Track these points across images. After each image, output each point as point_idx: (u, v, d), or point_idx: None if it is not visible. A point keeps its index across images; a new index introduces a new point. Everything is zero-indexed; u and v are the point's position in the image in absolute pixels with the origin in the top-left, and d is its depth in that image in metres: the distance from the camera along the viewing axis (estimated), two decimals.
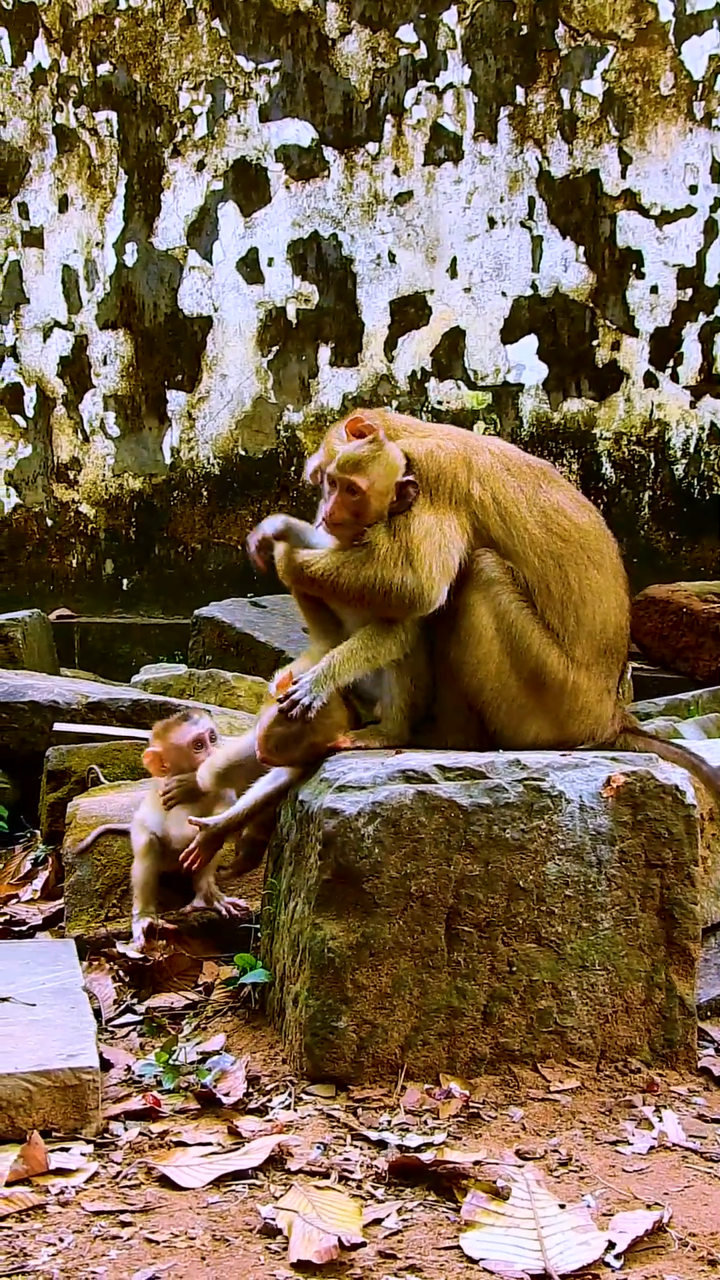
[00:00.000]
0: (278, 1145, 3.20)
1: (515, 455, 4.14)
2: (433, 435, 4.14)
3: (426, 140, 9.32)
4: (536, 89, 9.11)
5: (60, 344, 10.45)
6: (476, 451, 4.07)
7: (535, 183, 9.10)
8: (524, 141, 9.12)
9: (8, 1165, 3.17)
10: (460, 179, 9.24)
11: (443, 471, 3.99)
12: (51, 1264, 2.80)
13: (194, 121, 9.96)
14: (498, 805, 3.51)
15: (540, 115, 9.08)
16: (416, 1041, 3.49)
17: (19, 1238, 2.91)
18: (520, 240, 9.11)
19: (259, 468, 9.83)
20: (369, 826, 3.47)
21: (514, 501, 4.00)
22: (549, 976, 3.52)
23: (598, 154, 9.01)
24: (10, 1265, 2.79)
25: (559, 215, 9.05)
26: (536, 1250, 2.80)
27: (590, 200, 9.03)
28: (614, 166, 8.97)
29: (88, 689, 6.37)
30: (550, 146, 9.07)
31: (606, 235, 8.99)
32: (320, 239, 9.62)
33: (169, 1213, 3.00)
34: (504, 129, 9.16)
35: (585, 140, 9.03)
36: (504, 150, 9.14)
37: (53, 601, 10.05)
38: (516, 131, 9.14)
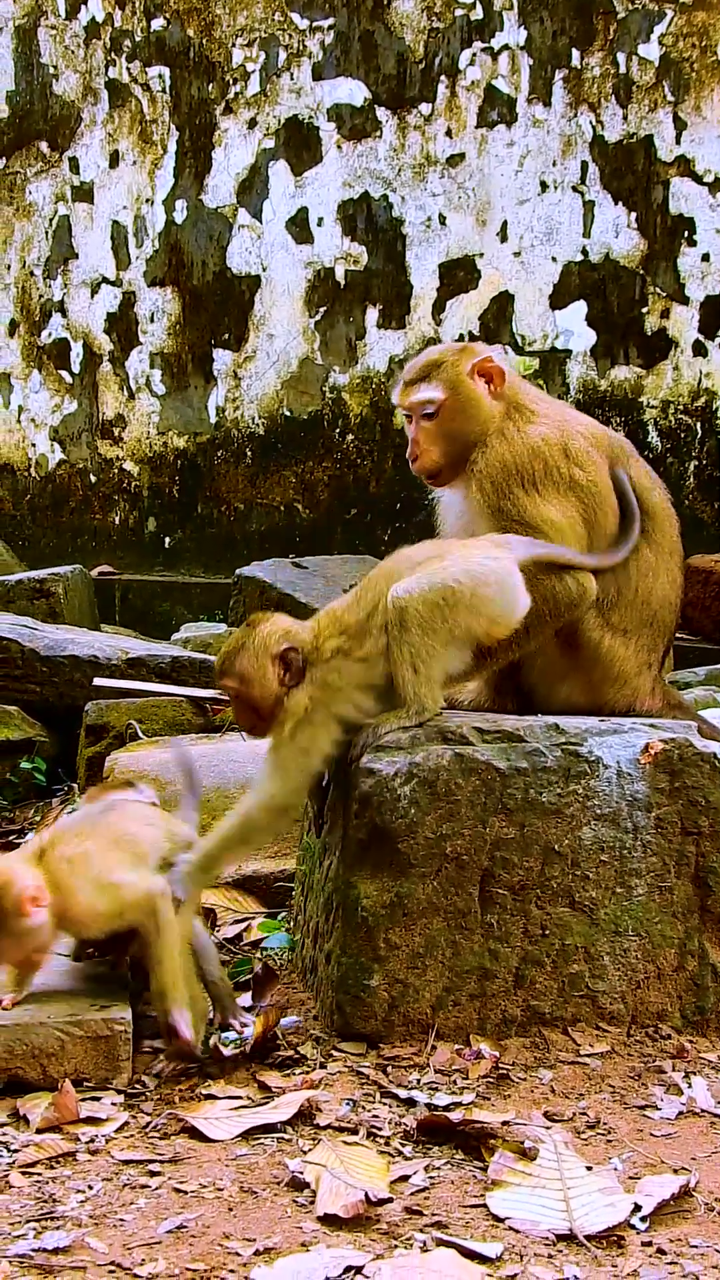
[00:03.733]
0: (307, 1101, 3.21)
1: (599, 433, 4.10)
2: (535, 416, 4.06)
3: (480, 102, 9.26)
4: (592, 52, 9.03)
5: (108, 300, 10.46)
6: (571, 436, 4.02)
7: (588, 147, 9.03)
8: (578, 105, 9.05)
9: (39, 1113, 3.20)
10: (513, 142, 9.18)
11: (548, 466, 3.93)
12: (80, 1210, 2.82)
13: (247, 79, 9.93)
14: (535, 769, 3.51)
15: (595, 79, 9.01)
16: (448, 1002, 3.50)
17: (49, 1184, 2.93)
18: (572, 205, 9.05)
19: (304, 428, 9.82)
20: (405, 787, 3.47)
21: (601, 485, 3.98)
22: (582, 941, 3.52)
23: (652, 119, 8.93)
24: (40, 1210, 2.82)
25: (611, 180, 8.99)
26: (562, 1210, 2.81)
27: (643, 166, 8.96)
28: (668, 132, 8.89)
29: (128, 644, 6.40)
30: (604, 111, 9.00)
31: (659, 201, 8.92)
32: (371, 200, 9.58)
33: (197, 1164, 3.02)
34: (558, 92, 9.10)
35: (640, 105, 8.95)
36: (558, 114, 9.08)
37: (95, 558, 10.08)
38: (571, 95, 9.08)
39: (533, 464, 3.91)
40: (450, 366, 4.05)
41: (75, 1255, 2.65)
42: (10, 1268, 2.60)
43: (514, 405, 4.04)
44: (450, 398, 4.01)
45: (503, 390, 4.03)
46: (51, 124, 10.67)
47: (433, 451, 4.04)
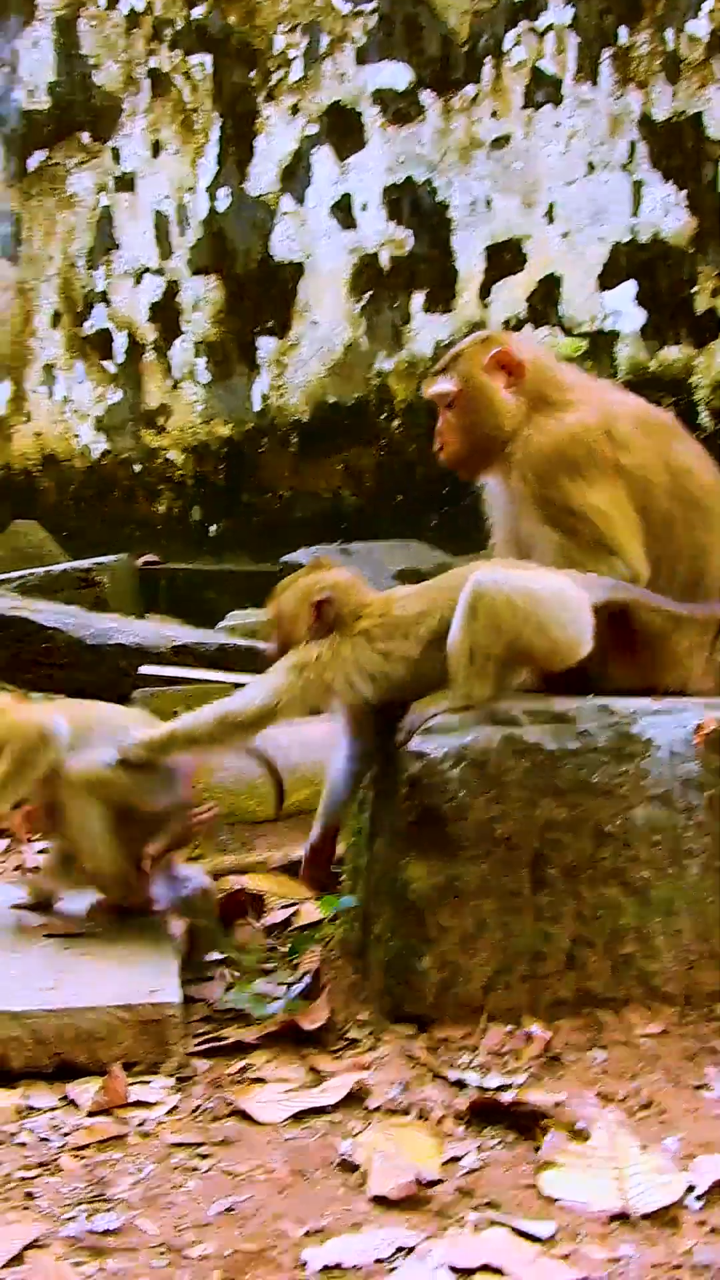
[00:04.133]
0: (357, 1083, 3.20)
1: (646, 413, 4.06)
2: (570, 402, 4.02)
3: (526, 82, 9.21)
4: (640, 30, 8.97)
5: (151, 290, 10.46)
6: (615, 419, 3.98)
7: (636, 126, 8.97)
8: (625, 84, 8.98)
9: (90, 1097, 3.20)
10: (559, 122, 9.13)
11: (591, 452, 3.88)
12: (131, 1193, 2.82)
13: (289, 65, 9.91)
14: (586, 750, 3.49)
15: (643, 56, 8.94)
16: (499, 983, 3.48)
17: (99, 1166, 2.93)
18: (620, 185, 8.99)
19: (349, 415, 9.80)
20: (455, 769, 3.45)
21: (649, 467, 3.93)
22: (634, 921, 3.50)
23: (701, 96, 8.85)
24: (91, 1193, 2.82)
25: (660, 159, 8.91)
26: (616, 1190, 2.79)
27: (693, 144, 8.88)
28: (718, 109, 8.81)
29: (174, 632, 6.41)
30: (653, 89, 8.93)
31: (709, 179, 8.84)
32: (415, 184, 9.55)
33: (248, 1146, 3.01)
34: (605, 71, 9.04)
35: (689, 82, 8.87)
36: (605, 93, 9.01)
37: (140, 547, 10.08)
38: (618, 73, 9.01)
39: (574, 451, 3.87)
40: (466, 359, 4.03)
41: (126, 1237, 2.65)
42: (62, 1249, 2.60)
43: (546, 394, 4.00)
44: (464, 390, 4.00)
45: (525, 381, 3.98)
46: (93, 114, 10.68)
47: (453, 442, 4.05)
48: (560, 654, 3.55)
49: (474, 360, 4.01)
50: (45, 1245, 2.61)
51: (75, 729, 3.85)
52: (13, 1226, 2.67)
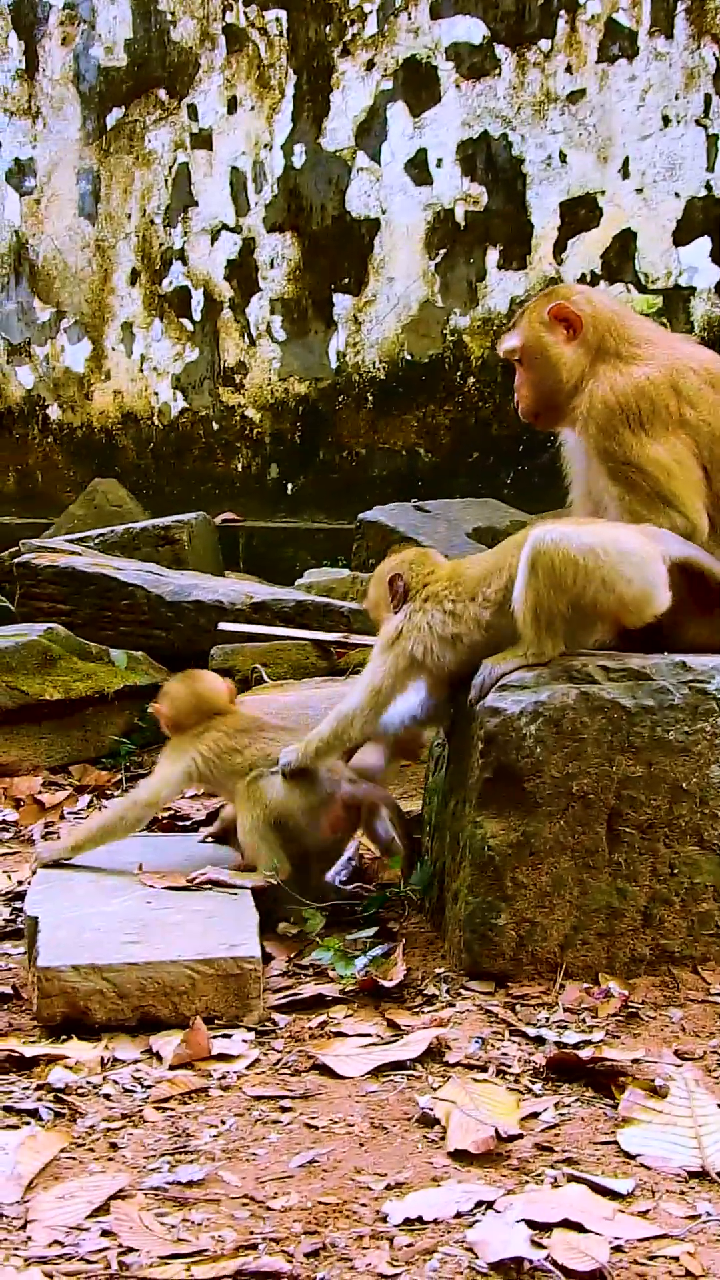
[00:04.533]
0: (436, 1038, 3.23)
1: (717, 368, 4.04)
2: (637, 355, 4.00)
3: (600, 36, 9.12)
4: None
5: (227, 247, 10.46)
6: (682, 373, 3.96)
7: (712, 79, 8.86)
8: (701, 37, 8.88)
9: (172, 1049, 3.25)
10: (634, 76, 9.04)
11: (655, 406, 3.87)
12: (214, 1145, 2.86)
13: (364, 20, 9.86)
14: (662, 707, 3.49)
15: (718, 9, 8.83)
16: (576, 941, 3.50)
17: (182, 1119, 2.98)
18: (695, 139, 8.90)
19: (424, 372, 9.78)
20: (531, 726, 3.47)
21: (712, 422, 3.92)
22: (711, 880, 3.50)
23: None
24: (174, 1145, 2.86)
25: None
26: (694, 1148, 2.81)
27: None
28: None
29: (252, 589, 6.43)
30: None
31: None
32: (490, 139, 9.49)
33: (328, 1100, 3.05)
34: (681, 24, 8.93)
35: None
36: (680, 46, 8.91)
37: (218, 505, 10.12)
38: (694, 26, 8.90)
39: (638, 403, 3.86)
40: (527, 313, 4.08)
41: (209, 1188, 2.69)
42: (146, 1199, 2.64)
43: (613, 347, 3.98)
44: (525, 344, 4.04)
45: (586, 334, 3.97)
46: (169, 71, 10.66)
47: (526, 397, 4.09)
48: (630, 609, 3.55)
49: (535, 315, 4.02)
50: (129, 1196, 2.65)
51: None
52: (98, 1177, 2.72)
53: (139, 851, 4.10)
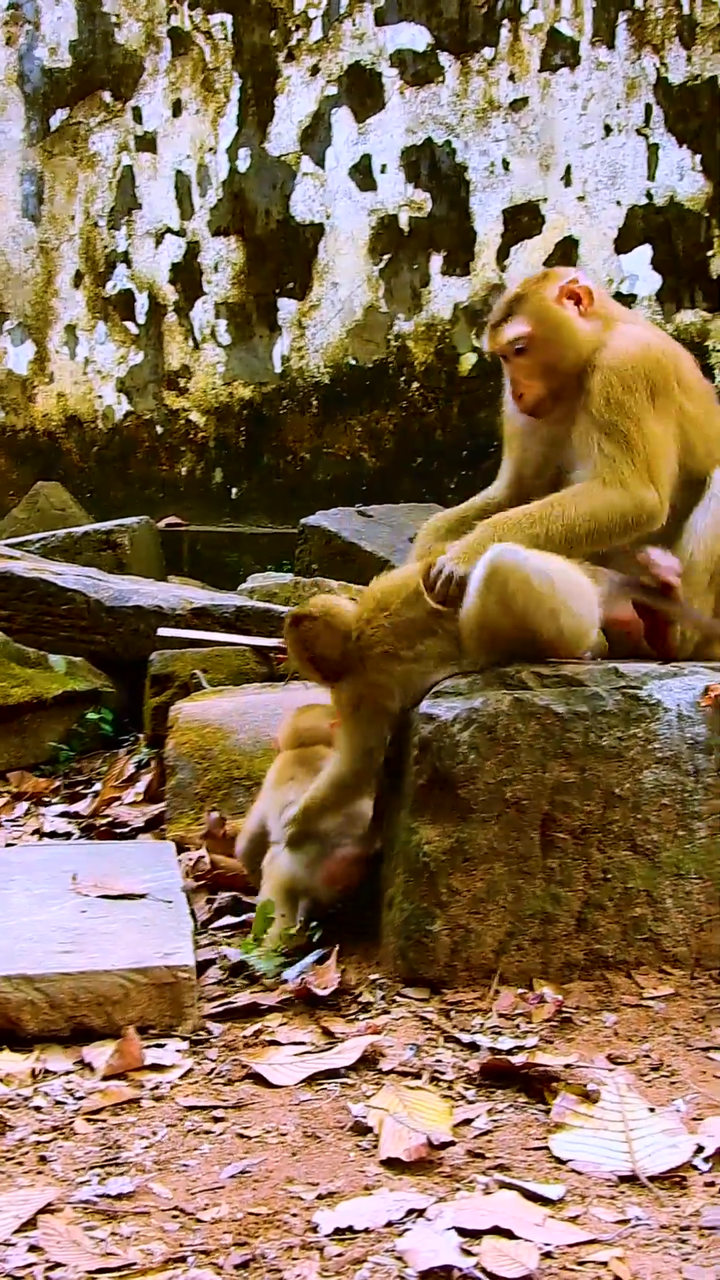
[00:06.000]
0: (370, 1045, 3.23)
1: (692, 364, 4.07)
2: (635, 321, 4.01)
3: (543, 46, 9.15)
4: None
5: (172, 250, 10.44)
6: (680, 357, 3.96)
7: (652, 90, 8.91)
8: (642, 47, 8.92)
9: (104, 1060, 3.23)
10: (576, 85, 9.07)
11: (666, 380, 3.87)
12: (145, 1156, 2.85)
13: (309, 25, 9.86)
14: (595, 713, 3.50)
15: (659, 20, 8.87)
16: (510, 946, 3.50)
17: (113, 1130, 2.96)
18: (636, 148, 8.94)
19: (369, 377, 9.78)
20: (465, 732, 3.47)
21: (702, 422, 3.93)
22: (644, 884, 3.52)
23: (717, 60, 8.79)
24: (104, 1157, 2.85)
25: (676, 123, 8.86)
26: (625, 1152, 2.82)
27: (709, 107, 8.82)
28: None
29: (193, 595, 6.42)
30: (668, 52, 8.87)
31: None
32: (434, 145, 9.51)
33: (261, 1109, 3.04)
34: (622, 34, 8.97)
35: (704, 46, 8.81)
36: (621, 56, 8.95)
37: (162, 509, 10.10)
38: (634, 37, 8.94)
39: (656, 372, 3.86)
40: (533, 297, 3.97)
41: (139, 1200, 2.68)
42: (75, 1213, 2.63)
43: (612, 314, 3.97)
44: (538, 328, 3.92)
45: (594, 308, 3.96)
46: (114, 73, 10.64)
47: (535, 386, 3.94)
48: (565, 643, 3.58)
49: (542, 297, 3.96)
50: (58, 1210, 2.64)
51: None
52: (26, 1191, 2.71)
53: (74, 860, 4.09)
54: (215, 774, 4.72)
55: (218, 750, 4.75)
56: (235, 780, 4.71)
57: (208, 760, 4.76)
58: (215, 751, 4.75)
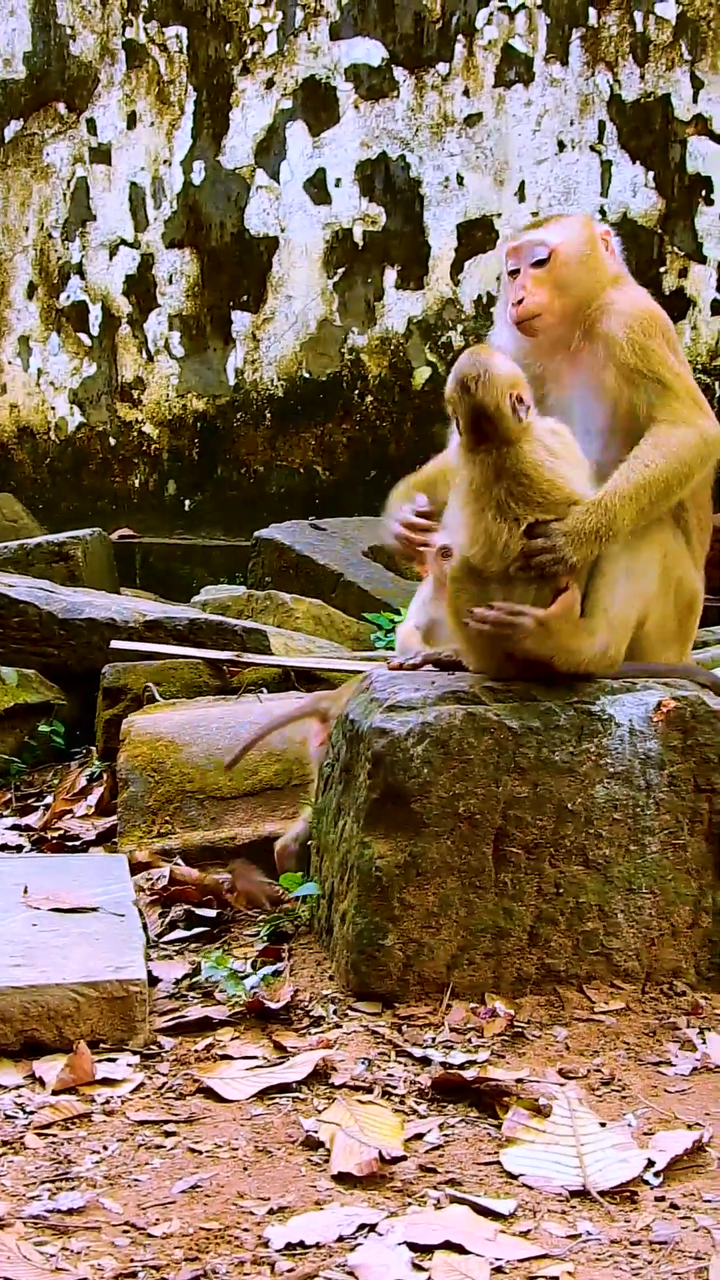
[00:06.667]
0: (322, 1060, 3.22)
1: None
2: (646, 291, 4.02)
3: (497, 62, 9.20)
4: (609, 11, 8.96)
5: (126, 262, 10.44)
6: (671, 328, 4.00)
7: (606, 106, 8.97)
8: (595, 64, 8.98)
9: (55, 1074, 3.21)
10: (530, 101, 9.12)
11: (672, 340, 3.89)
12: (95, 1171, 2.83)
13: (264, 39, 9.88)
14: (548, 728, 3.51)
15: (613, 38, 8.94)
16: (462, 961, 3.51)
17: (64, 1145, 2.95)
18: (589, 164, 8.99)
19: (322, 390, 9.80)
20: (418, 746, 3.48)
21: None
22: (596, 899, 3.53)
23: (669, 78, 8.86)
24: (55, 1172, 2.83)
25: (629, 140, 8.93)
26: (576, 1167, 2.82)
27: (661, 125, 8.90)
28: (686, 91, 8.83)
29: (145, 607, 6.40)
30: (622, 70, 8.94)
31: (676, 161, 8.86)
32: (388, 160, 9.54)
33: (212, 1124, 3.03)
34: (575, 51, 9.03)
35: (657, 64, 8.88)
36: (575, 73, 9.01)
37: (115, 521, 10.09)
38: (588, 54, 9.01)
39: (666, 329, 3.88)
40: (572, 221, 3.96)
41: (90, 1216, 2.67)
42: (25, 1228, 2.61)
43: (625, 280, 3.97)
44: (568, 245, 3.85)
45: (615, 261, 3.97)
46: (69, 85, 10.64)
47: (539, 294, 3.82)
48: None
49: (583, 223, 3.95)
50: (8, 1225, 2.62)
51: None
52: None
53: (25, 873, 4.07)
54: (167, 787, 4.71)
55: (170, 763, 4.74)
56: (188, 793, 4.70)
57: (160, 773, 4.74)
58: (168, 764, 4.74)
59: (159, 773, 4.74)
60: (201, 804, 4.68)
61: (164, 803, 4.70)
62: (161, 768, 4.74)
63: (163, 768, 4.74)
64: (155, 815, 4.69)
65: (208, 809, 4.69)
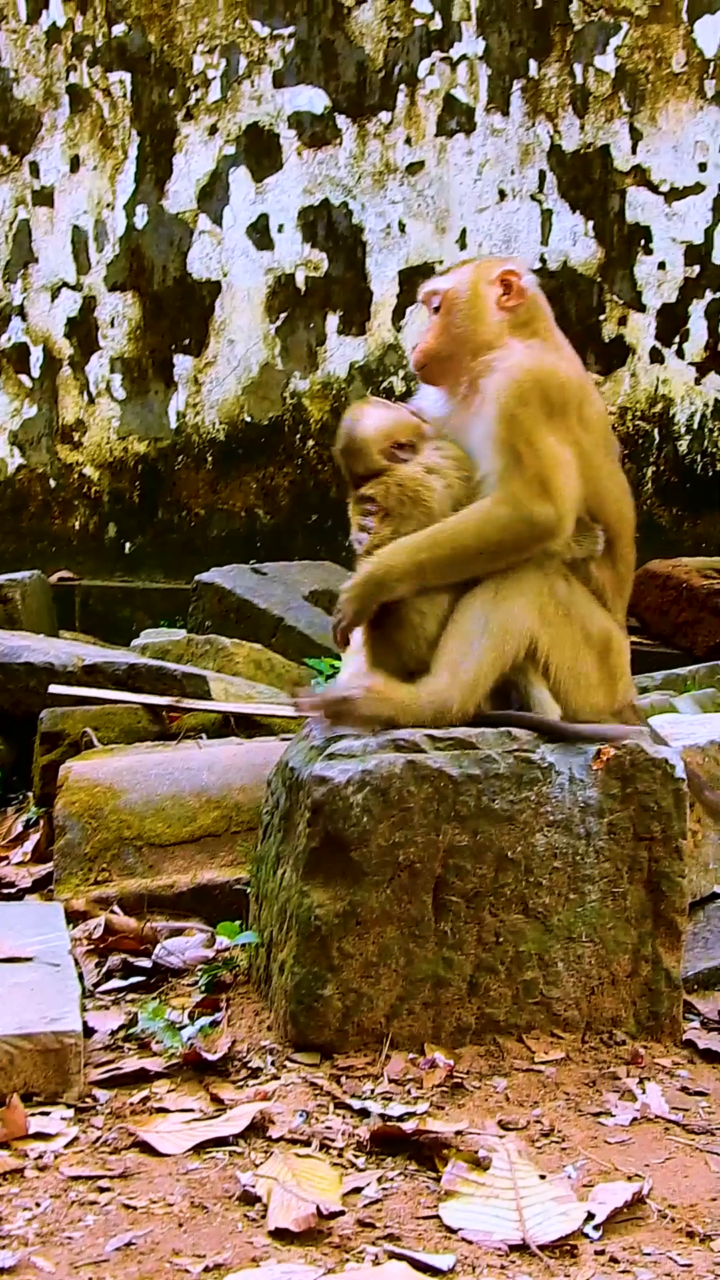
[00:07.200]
0: (259, 1112, 3.19)
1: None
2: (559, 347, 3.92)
3: (439, 111, 9.26)
4: (549, 63, 9.05)
5: (68, 305, 10.41)
6: (588, 394, 3.90)
7: (546, 156, 9.04)
8: (536, 115, 9.06)
9: None
10: (472, 150, 9.18)
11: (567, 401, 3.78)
12: (27, 1229, 2.79)
13: (208, 85, 9.90)
14: (487, 776, 3.50)
15: (553, 89, 9.02)
16: (402, 1011, 3.48)
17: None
18: (530, 213, 9.05)
19: (264, 434, 9.80)
20: (358, 795, 3.46)
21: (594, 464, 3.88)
22: (535, 948, 3.51)
23: (609, 129, 8.95)
24: None
25: (569, 189, 9.00)
26: (515, 1220, 2.80)
27: (600, 175, 8.98)
28: (625, 142, 8.92)
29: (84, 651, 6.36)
30: (562, 120, 9.02)
31: (616, 210, 8.94)
32: (331, 206, 9.57)
33: (148, 1179, 2.99)
34: (516, 102, 9.10)
35: (597, 115, 8.97)
36: (516, 123, 9.08)
37: (54, 563, 10.03)
38: (529, 105, 9.08)
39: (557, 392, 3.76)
40: (472, 267, 3.94)
41: (21, 1275, 2.62)
42: None
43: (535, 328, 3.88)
44: (454, 293, 3.86)
45: (520, 308, 3.87)
46: (11, 128, 10.61)
47: (432, 344, 3.86)
48: None
49: (479, 270, 3.90)
50: None
51: None
52: None
53: None
54: (105, 834, 4.67)
55: (108, 810, 4.70)
56: (125, 840, 4.66)
57: (97, 820, 4.70)
58: (105, 811, 4.70)
59: (97, 819, 4.70)
60: (139, 851, 4.64)
61: (101, 850, 4.66)
62: (99, 814, 4.70)
63: (100, 814, 4.70)
64: (92, 863, 4.65)
65: (146, 856, 4.65)
